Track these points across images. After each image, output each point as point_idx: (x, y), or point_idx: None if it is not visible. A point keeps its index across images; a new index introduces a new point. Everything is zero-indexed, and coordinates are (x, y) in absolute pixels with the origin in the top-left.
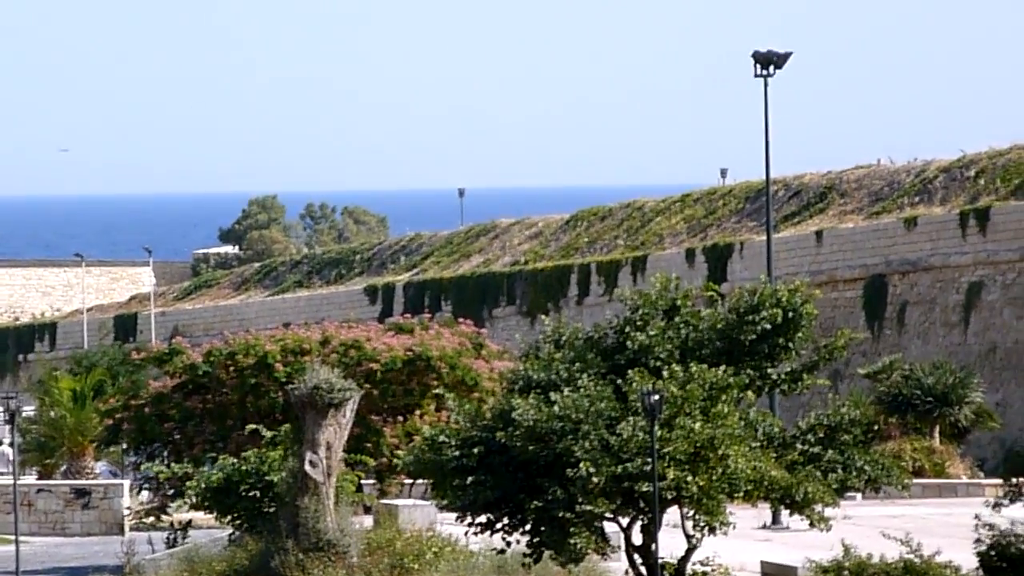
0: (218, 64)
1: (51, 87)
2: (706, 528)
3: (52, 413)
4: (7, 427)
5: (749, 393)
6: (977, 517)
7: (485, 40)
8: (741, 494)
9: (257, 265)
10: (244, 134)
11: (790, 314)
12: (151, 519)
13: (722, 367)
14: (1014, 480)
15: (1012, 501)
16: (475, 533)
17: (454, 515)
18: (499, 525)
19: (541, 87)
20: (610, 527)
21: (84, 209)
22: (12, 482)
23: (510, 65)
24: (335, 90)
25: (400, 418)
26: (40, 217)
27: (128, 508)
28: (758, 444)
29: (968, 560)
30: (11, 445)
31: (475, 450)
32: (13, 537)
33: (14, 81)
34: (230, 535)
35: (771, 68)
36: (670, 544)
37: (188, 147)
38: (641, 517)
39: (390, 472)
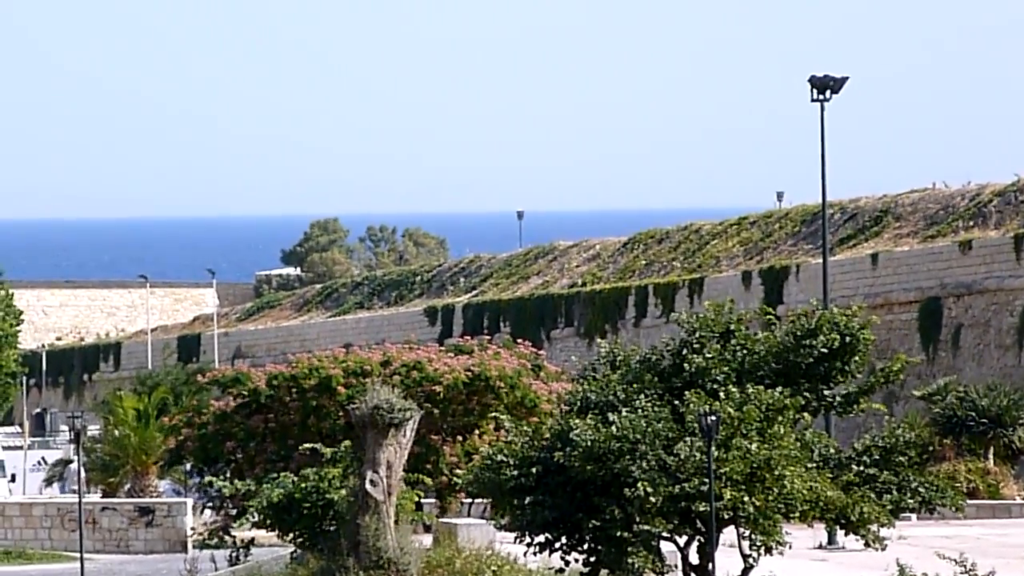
0: (283, 88)
1: (117, 111)
2: (762, 548)
3: (116, 432)
4: (72, 446)
5: (805, 415)
6: None
7: (545, 66)
8: (797, 514)
9: (319, 286)
10: (307, 157)
11: (847, 339)
12: (215, 541)
13: (779, 389)
14: None
15: None
16: (534, 552)
17: (513, 534)
18: (557, 544)
19: (600, 112)
20: (667, 546)
21: (150, 231)
22: (77, 500)
23: (570, 90)
24: (397, 114)
25: (460, 438)
26: (105, 239)
27: (192, 528)
28: (814, 465)
29: None
30: (77, 464)
31: (533, 470)
32: (78, 554)
33: (89, 105)
34: (291, 553)
35: (827, 93)
36: (726, 564)
37: (252, 170)
38: (698, 537)
39: (450, 491)
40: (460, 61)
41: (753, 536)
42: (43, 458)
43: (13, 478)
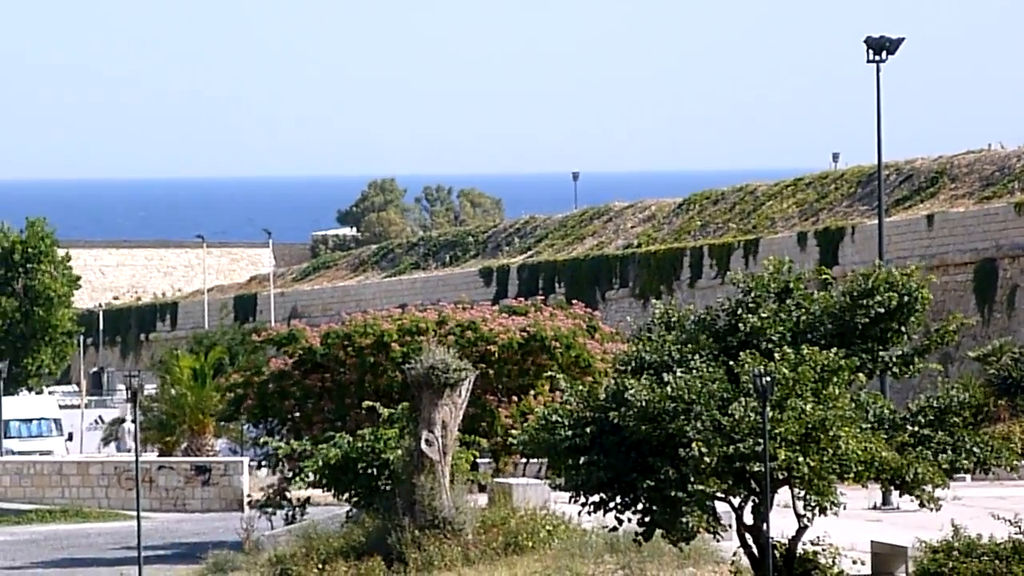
0: (341, 49)
1: (175, 72)
2: (817, 508)
3: (173, 391)
4: (129, 405)
5: (860, 375)
6: None
7: (602, 27)
8: (852, 475)
9: (374, 247)
10: (364, 118)
11: (904, 299)
12: (271, 508)
13: (834, 349)
14: None
15: None
16: (588, 512)
17: (567, 494)
18: (612, 504)
19: (657, 73)
20: (721, 507)
21: (207, 191)
22: (134, 459)
23: (627, 52)
24: (453, 74)
25: (515, 398)
26: (162, 199)
27: (250, 495)
28: (869, 426)
29: None
30: (133, 423)
31: (588, 430)
32: (135, 513)
33: (147, 66)
34: (347, 512)
35: (883, 54)
36: (781, 524)
37: (310, 131)
38: (752, 497)
39: (504, 451)
40: (518, 22)
41: (807, 496)
42: (100, 417)
43: (70, 437)
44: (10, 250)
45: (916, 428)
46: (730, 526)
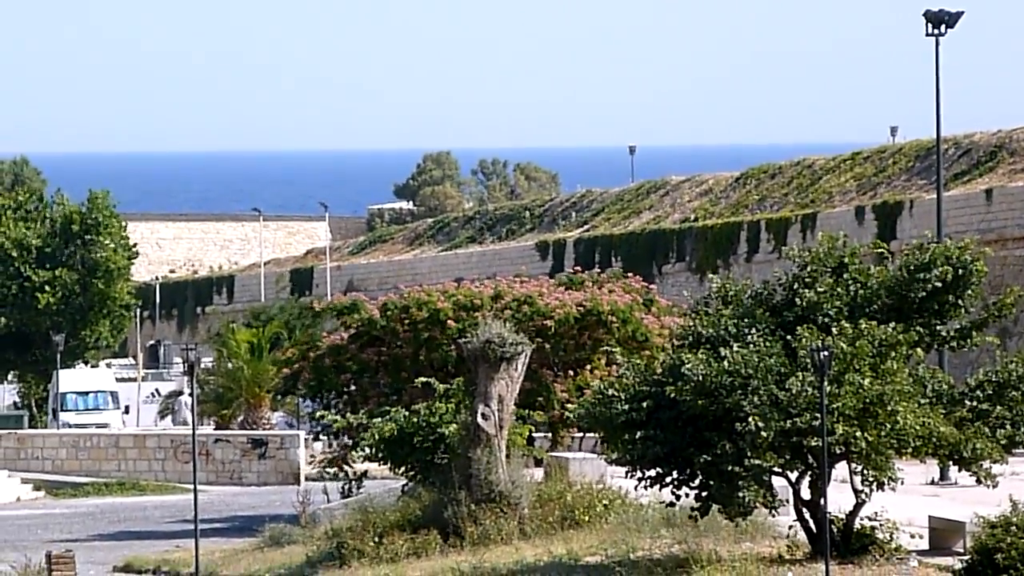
0: (398, 23)
1: (231, 46)
2: (874, 483)
3: (229, 364)
4: (186, 378)
5: (918, 350)
6: None
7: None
8: (909, 450)
9: (430, 220)
10: (420, 91)
11: (960, 271)
12: (333, 469)
13: (891, 324)
14: None
15: None
16: (644, 486)
17: (624, 468)
18: (668, 479)
19: (714, 47)
20: (778, 481)
21: (264, 164)
22: (191, 432)
23: (683, 25)
24: (508, 48)
25: (571, 372)
26: (219, 172)
27: (312, 456)
28: (927, 400)
29: None
30: (190, 396)
31: (645, 404)
32: (191, 486)
33: (203, 42)
34: (403, 486)
35: (942, 27)
36: (838, 499)
37: (366, 104)
38: (809, 472)
39: (561, 425)
40: None
41: (865, 471)
42: (156, 390)
43: (127, 410)
44: (69, 221)
45: (974, 403)
46: (787, 501)
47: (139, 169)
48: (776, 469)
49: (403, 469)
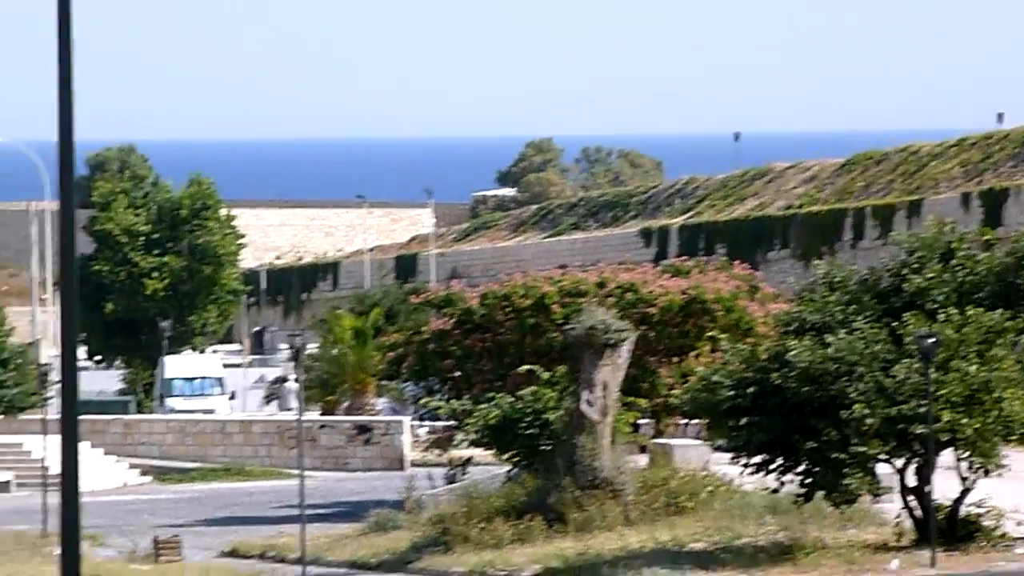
0: (496, 12)
1: (335, 32)
2: (980, 470)
3: (334, 351)
4: (291, 364)
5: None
6: None
7: None
8: (1016, 437)
9: (534, 207)
10: (523, 79)
11: None
12: (438, 451)
13: (998, 311)
14: None
15: None
16: (749, 473)
17: (728, 455)
18: (773, 465)
19: (819, 33)
20: (883, 469)
21: (368, 152)
22: (297, 418)
23: (788, 12)
24: (613, 35)
25: (675, 359)
26: (324, 159)
27: (416, 441)
28: None
29: None
30: (296, 382)
31: (750, 391)
32: (297, 471)
33: (306, 28)
34: (508, 472)
35: None
36: (944, 486)
37: (470, 91)
38: (915, 459)
39: (665, 412)
40: None
41: (971, 459)
42: (262, 376)
43: (233, 395)
44: (176, 207)
45: None
46: (892, 488)
47: (245, 157)
48: (881, 456)
49: (508, 455)
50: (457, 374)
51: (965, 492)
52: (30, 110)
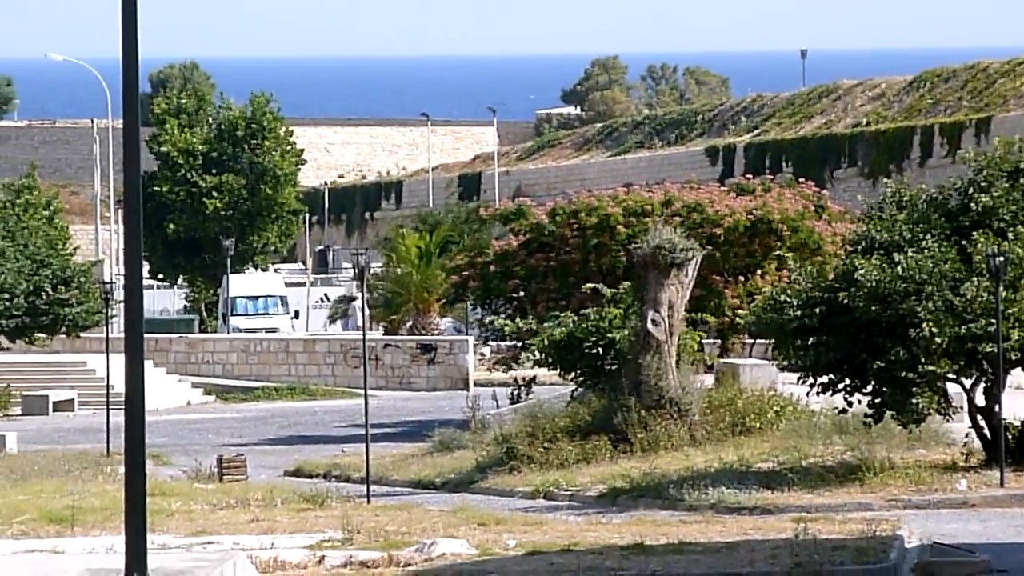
0: None
1: None
2: None
3: (398, 270)
4: (355, 283)
5: None
6: None
7: None
8: None
9: (599, 126)
10: None
11: None
12: (503, 367)
13: None
14: None
15: None
16: (816, 393)
17: (795, 375)
18: (840, 385)
19: None
20: (952, 388)
21: (431, 69)
22: (361, 337)
23: None
24: None
25: (741, 279)
26: (388, 77)
27: (481, 361)
28: None
29: None
30: (360, 301)
31: (817, 310)
32: (361, 391)
33: None
34: (573, 391)
35: None
36: (1013, 406)
37: (530, 8)
38: (984, 378)
39: (732, 332)
40: None
41: None
42: (325, 295)
43: (296, 315)
44: (234, 125)
45: None
46: (961, 408)
47: (309, 75)
48: (950, 376)
49: (572, 375)
50: (521, 294)
51: None
52: (93, 27)
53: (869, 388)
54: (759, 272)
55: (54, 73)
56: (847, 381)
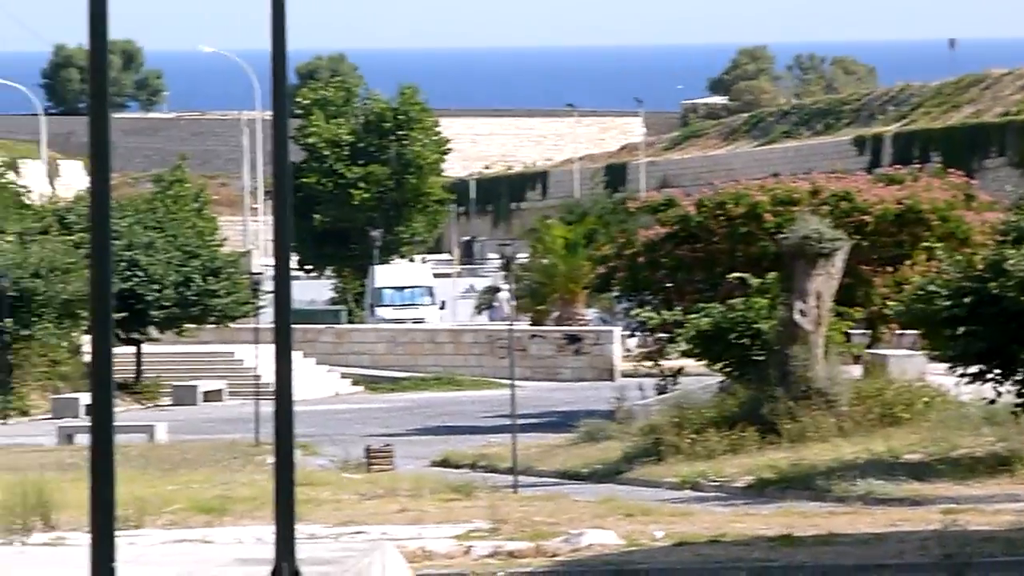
0: None
1: None
2: None
3: (544, 260)
4: (501, 274)
5: None
6: None
7: None
8: None
9: (745, 115)
10: None
11: None
12: (648, 363)
13: None
14: None
15: None
16: (966, 383)
17: (944, 365)
18: (990, 375)
19: None
20: None
21: (577, 60)
22: (507, 327)
23: None
24: None
25: (889, 268)
26: (533, 67)
27: (627, 352)
28: None
29: None
30: (508, 291)
31: (966, 300)
32: (507, 381)
33: None
34: (719, 382)
35: None
36: None
37: None
38: None
39: (880, 322)
40: None
41: None
42: (472, 286)
43: (443, 305)
44: (381, 118)
45: None
46: None
47: (455, 66)
48: None
49: (719, 365)
50: (668, 285)
51: None
52: (241, 19)
53: (1019, 378)
54: (908, 262)
55: (203, 65)
56: (997, 371)
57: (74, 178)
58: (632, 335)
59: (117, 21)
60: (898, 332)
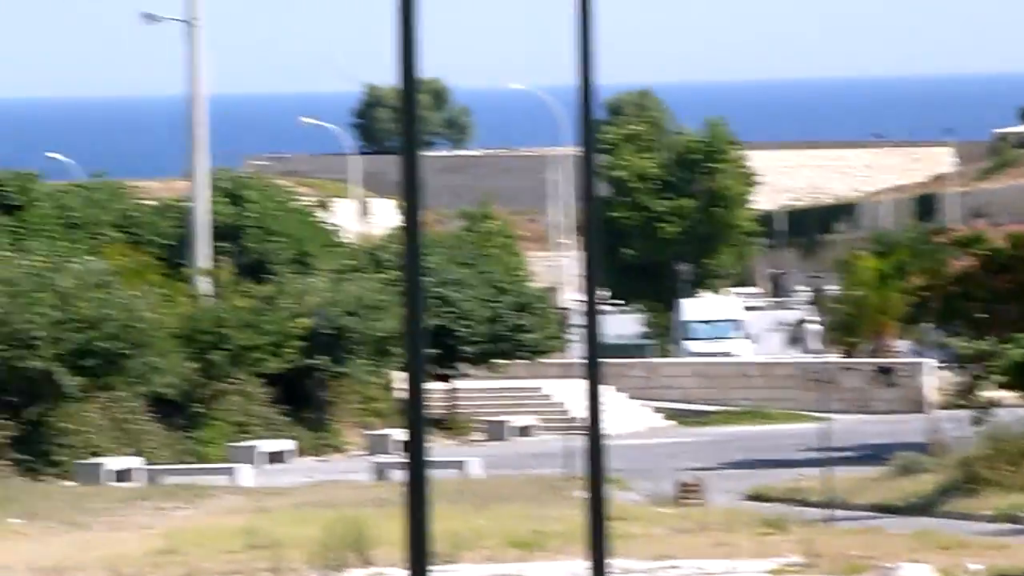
0: None
1: None
2: None
3: (855, 292)
4: (810, 306)
5: None
6: None
7: None
8: None
9: None
10: None
11: None
12: (961, 400)
13: None
14: None
15: None
16: None
17: None
18: None
19: None
20: None
21: (883, 89)
22: (817, 360)
23: None
24: None
25: None
26: (839, 98)
27: (940, 384)
28: None
29: None
30: (819, 323)
31: None
32: (819, 414)
33: None
34: None
35: None
36: None
37: (983, 26)
38: None
39: None
40: None
41: None
42: (779, 318)
43: (751, 338)
44: (689, 151)
45: None
46: None
47: (761, 98)
48: None
49: None
50: (982, 316)
51: None
52: (548, 56)
53: None
54: None
55: (510, 102)
56: None
57: (385, 216)
58: (945, 366)
59: (426, 60)
60: None
